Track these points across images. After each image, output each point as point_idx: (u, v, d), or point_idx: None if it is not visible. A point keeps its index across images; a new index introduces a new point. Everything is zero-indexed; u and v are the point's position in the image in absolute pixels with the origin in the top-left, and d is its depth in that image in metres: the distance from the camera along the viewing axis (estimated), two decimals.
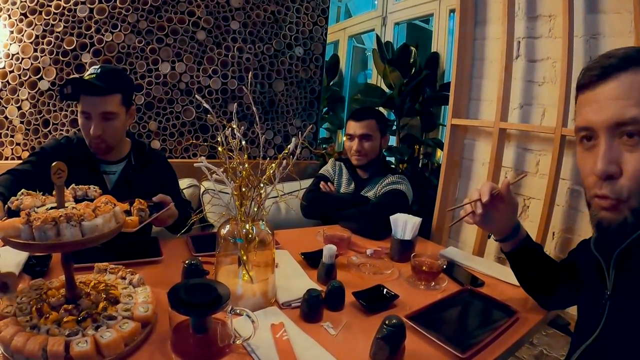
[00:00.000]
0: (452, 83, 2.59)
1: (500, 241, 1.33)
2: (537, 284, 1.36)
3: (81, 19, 2.67)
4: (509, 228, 1.30)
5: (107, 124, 1.70)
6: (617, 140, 0.82)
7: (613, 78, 0.82)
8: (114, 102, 1.69)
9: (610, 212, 0.84)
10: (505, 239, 1.31)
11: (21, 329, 0.96)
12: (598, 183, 0.84)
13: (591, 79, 0.86)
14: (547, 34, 2.27)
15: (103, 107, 1.67)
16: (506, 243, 1.32)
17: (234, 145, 1.20)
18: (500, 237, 1.32)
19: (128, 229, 1.24)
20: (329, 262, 1.46)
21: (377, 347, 1.04)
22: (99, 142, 1.72)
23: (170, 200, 1.63)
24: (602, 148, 0.83)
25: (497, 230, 1.30)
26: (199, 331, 0.99)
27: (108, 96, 1.67)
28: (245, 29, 3.15)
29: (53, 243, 0.94)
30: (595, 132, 0.85)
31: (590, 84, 0.86)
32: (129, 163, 1.88)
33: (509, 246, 1.32)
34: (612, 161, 0.81)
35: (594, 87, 0.85)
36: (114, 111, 1.70)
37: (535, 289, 1.38)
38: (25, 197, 1.08)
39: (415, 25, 4.61)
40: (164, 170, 2.03)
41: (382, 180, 2.28)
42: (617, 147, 0.82)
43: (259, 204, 1.22)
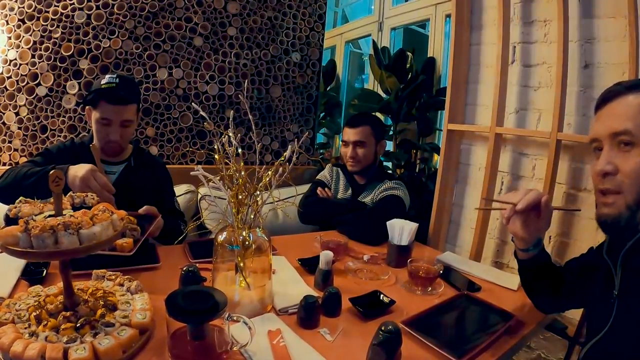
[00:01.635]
0: (448, 88, 2.59)
1: (522, 250, 1.32)
2: (541, 289, 1.36)
3: (79, 25, 2.67)
4: (533, 241, 1.29)
5: (124, 130, 1.83)
6: (616, 148, 0.99)
7: (615, 100, 1.02)
8: (132, 111, 1.84)
9: (609, 207, 1.00)
10: (526, 249, 1.31)
11: (19, 336, 0.97)
12: (600, 180, 1.01)
13: (602, 101, 1.06)
14: (542, 38, 2.28)
15: (124, 116, 1.80)
16: (525, 252, 1.31)
17: (231, 152, 1.21)
18: (522, 246, 1.31)
19: (124, 252, 1.28)
20: (326, 268, 1.47)
21: (373, 353, 1.04)
22: (115, 146, 1.85)
23: (156, 212, 1.69)
24: (604, 152, 1.02)
25: (520, 238, 1.29)
26: (197, 338, 1.00)
27: (129, 105, 1.81)
28: (242, 35, 3.15)
29: (51, 251, 0.95)
30: (601, 141, 1.03)
31: (601, 105, 1.06)
32: (129, 165, 1.95)
33: (526, 255, 1.32)
34: (610, 162, 0.99)
35: (602, 107, 1.06)
36: (132, 119, 1.84)
37: (538, 294, 1.39)
38: (23, 204, 1.09)
39: (412, 30, 4.62)
40: (161, 175, 2.09)
41: (379, 186, 2.29)
42: (616, 152, 0.99)
43: (256, 211, 1.23)
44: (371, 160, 2.37)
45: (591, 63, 2.07)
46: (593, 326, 1.11)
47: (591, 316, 1.17)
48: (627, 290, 1.02)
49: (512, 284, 1.61)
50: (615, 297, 1.03)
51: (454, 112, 2.60)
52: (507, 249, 2.43)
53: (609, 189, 1.00)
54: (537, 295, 1.40)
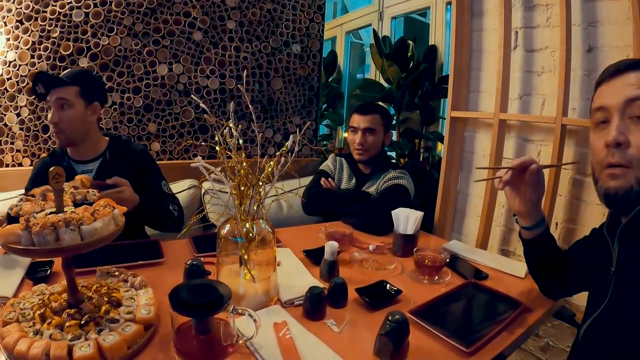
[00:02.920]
0: (451, 75, 2.57)
1: (524, 228, 1.33)
2: (547, 273, 1.36)
3: (77, 24, 2.66)
4: (536, 216, 1.30)
5: (63, 112, 1.79)
6: (627, 119, 0.97)
7: (626, 72, 0.99)
8: (69, 92, 1.80)
9: (618, 180, 0.97)
10: (530, 227, 1.31)
11: (24, 335, 0.97)
12: (610, 153, 0.98)
13: (608, 74, 1.03)
14: (544, 23, 2.25)
15: (58, 95, 1.78)
16: (529, 231, 1.32)
17: (232, 144, 1.20)
18: (524, 224, 1.32)
19: None
20: (331, 259, 1.46)
21: (381, 344, 1.03)
22: (57, 132, 1.83)
23: (125, 183, 1.69)
24: (615, 122, 0.98)
25: (522, 212, 1.30)
26: (202, 332, 0.99)
27: (64, 87, 1.79)
28: (241, 28, 3.14)
29: (53, 248, 0.94)
30: (609, 112, 1.00)
31: (607, 79, 1.04)
32: (105, 160, 1.94)
33: (531, 234, 1.32)
34: (622, 133, 0.96)
35: (609, 80, 1.03)
36: (67, 98, 1.79)
37: (544, 278, 1.39)
38: (24, 203, 1.08)
39: (413, 18, 4.60)
40: (142, 161, 2.04)
41: (384, 176, 2.27)
42: (627, 123, 0.97)
43: (259, 202, 1.22)
44: (378, 149, 2.36)
45: (595, 46, 2.04)
46: (591, 303, 1.12)
47: (591, 295, 1.17)
48: (623, 267, 1.03)
49: (519, 271, 1.60)
50: (613, 274, 1.04)
51: (457, 100, 2.58)
52: (514, 237, 2.41)
53: (619, 162, 0.97)
54: (544, 279, 1.40)
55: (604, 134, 1.00)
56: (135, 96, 2.85)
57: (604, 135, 1.01)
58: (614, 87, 1.01)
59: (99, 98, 1.94)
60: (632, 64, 1.00)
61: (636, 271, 1.00)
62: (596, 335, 1.06)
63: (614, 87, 1.01)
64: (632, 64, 1.00)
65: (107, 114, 2.79)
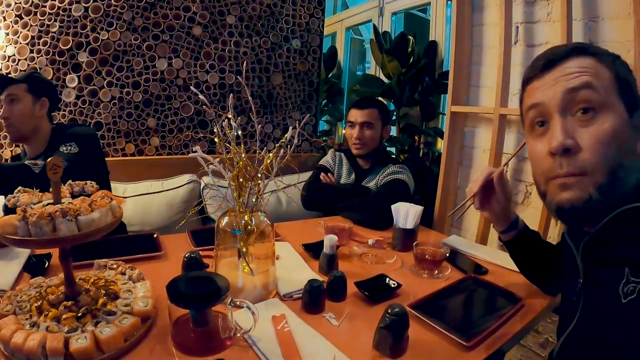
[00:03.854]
0: (451, 70, 2.56)
1: (500, 232, 1.34)
2: (537, 270, 1.36)
3: (76, 18, 2.65)
4: (507, 219, 1.30)
5: (12, 107, 1.88)
6: (571, 117, 0.83)
7: (561, 63, 0.85)
8: (18, 88, 1.89)
9: (572, 190, 0.82)
10: (505, 230, 1.32)
11: (20, 327, 0.96)
12: (557, 162, 0.83)
13: (538, 69, 0.89)
14: (545, 18, 2.24)
15: (8, 91, 1.87)
16: (506, 234, 1.33)
17: (231, 136, 1.19)
18: (499, 228, 1.33)
19: None
20: (330, 253, 1.45)
21: (380, 337, 1.03)
22: (7, 126, 1.90)
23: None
24: (557, 123, 0.83)
25: (496, 218, 1.31)
26: (199, 324, 0.99)
27: (13, 85, 1.88)
28: (241, 23, 3.12)
29: (49, 238, 0.94)
30: (548, 111, 0.85)
31: (537, 74, 0.89)
32: (48, 150, 1.95)
33: (508, 236, 1.33)
34: (569, 135, 0.81)
35: (541, 75, 0.88)
36: (16, 93, 1.88)
37: (536, 276, 1.39)
38: (22, 194, 1.08)
39: (413, 14, 4.58)
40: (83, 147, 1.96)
41: (383, 170, 2.27)
42: (571, 123, 0.82)
43: (257, 194, 1.21)
44: (377, 144, 2.35)
45: (596, 42, 2.03)
46: (563, 318, 1.01)
47: (563, 303, 1.07)
48: (592, 282, 0.90)
49: None
50: (581, 287, 0.92)
51: (457, 95, 2.57)
52: None
53: (570, 173, 0.81)
54: (536, 276, 1.39)
55: (546, 140, 0.86)
56: (135, 91, 2.84)
57: (545, 140, 0.86)
58: (549, 80, 0.86)
59: (47, 94, 2.00)
60: (570, 51, 0.86)
61: (604, 289, 0.85)
62: (570, 355, 0.96)
63: (548, 81, 0.86)
64: (570, 51, 0.86)
65: (106, 108, 2.78)
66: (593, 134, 0.80)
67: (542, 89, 0.87)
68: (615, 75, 0.82)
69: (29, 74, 2.01)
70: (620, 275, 0.80)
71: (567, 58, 0.85)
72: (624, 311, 0.78)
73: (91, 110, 2.76)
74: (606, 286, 0.84)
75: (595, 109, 0.80)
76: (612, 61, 0.84)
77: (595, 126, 0.80)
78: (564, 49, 0.87)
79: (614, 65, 0.83)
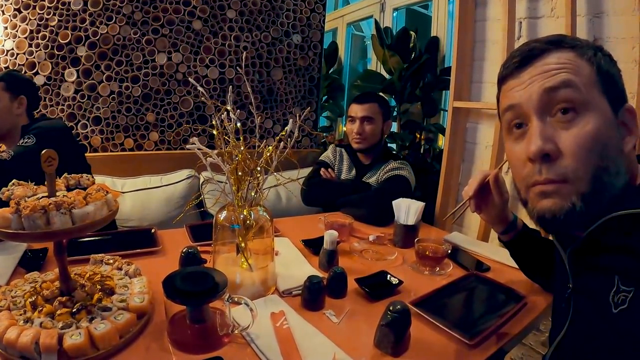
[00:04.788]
0: (453, 65, 2.54)
1: (499, 233, 1.33)
2: (538, 269, 1.34)
3: (75, 12, 2.63)
4: (505, 220, 1.29)
5: None
6: (550, 119, 0.77)
7: (538, 60, 0.79)
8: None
9: (552, 198, 0.77)
10: (503, 231, 1.31)
11: (14, 323, 0.94)
12: (536, 168, 0.77)
13: (513, 67, 0.83)
14: (549, 13, 2.22)
15: None
16: (505, 235, 1.31)
17: (230, 129, 1.17)
18: (498, 230, 1.32)
19: None
20: (331, 249, 1.43)
21: (381, 334, 1.01)
22: None
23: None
24: (535, 126, 0.78)
25: (493, 221, 1.30)
26: (196, 321, 0.97)
27: None
28: (241, 17, 3.10)
29: (43, 232, 0.91)
30: (525, 113, 0.80)
31: (513, 72, 0.83)
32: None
33: (507, 237, 1.32)
34: (548, 139, 0.75)
35: (517, 74, 0.82)
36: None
37: (537, 274, 1.37)
38: (16, 187, 1.06)
39: (414, 10, 4.57)
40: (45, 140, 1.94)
41: (384, 166, 2.25)
42: (551, 125, 0.77)
43: (256, 188, 1.19)
44: (377, 138, 2.33)
45: (600, 38, 2.01)
46: (554, 324, 0.97)
47: (554, 308, 1.02)
48: (580, 290, 0.85)
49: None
50: (570, 293, 0.87)
51: (459, 90, 2.55)
52: None
53: (550, 180, 0.76)
54: (537, 275, 1.37)
55: (524, 141, 0.80)
56: (134, 85, 2.83)
57: (523, 143, 0.81)
58: (526, 79, 0.80)
59: (25, 92, 2.00)
60: (547, 45, 0.80)
61: (594, 298, 0.80)
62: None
63: (525, 79, 0.80)
64: (546, 45, 0.80)
65: (105, 103, 2.76)
66: (574, 136, 0.74)
67: (518, 89, 0.81)
68: (597, 70, 0.77)
69: (7, 72, 2.03)
70: (611, 283, 0.74)
71: (544, 53, 0.79)
72: (615, 321, 0.73)
73: (90, 105, 2.74)
74: (596, 294, 0.79)
75: (576, 109, 0.75)
76: (594, 54, 0.78)
77: (576, 128, 0.74)
78: (540, 44, 0.81)
79: (595, 59, 0.78)
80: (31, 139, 1.83)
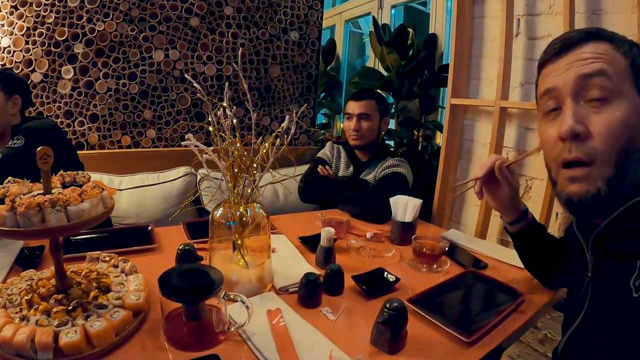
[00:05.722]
0: (451, 62, 2.54)
1: (508, 223, 1.31)
2: (541, 263, 1.34)
3: (72, 9, 2.62)
4: (516, 210, 1.28)
5: None
6: (583, 103, 0.82)
7: (575, 48, 0.85)
8: None
9: (580, 183, 0.82)
10: (513, 221, 1.29)
11: (10, 321, 0.94)
12: (566, 147, 0.83)
13: (553, 52, 0.89)
14: (547, 10, 2.21)
15: None
16: (514, 225, 1.30)
17: (226, 125, 1.16)
18: (507, 220, 1.31)
19: None
20: (328, 246, 1.43)
21: (378, 332, 1.01)
22: None
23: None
24: (569, 108, 0.83)
25: (502, 209, 1.29)
26: (192, 318, 0.97)
27: None
28: (239, 14, 3.09)
29: (38, 229, 0.92)
30: (560, 96, 0.85)
31: (552, 58, 0.89)
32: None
33: (516, 228, 1.30)
34: (579, 120, 0.81)
35: (556, 59, 0.88)
36: None
37: (539, 269, 1.37)
38: (11, 184, 1.06)
39: (413, 8, 4.55)
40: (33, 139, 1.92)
41: (382, 164, 2.25)
42: (584, 108, 0.82)
43: (253, 185, 1.19)
44: (375, 135, 2.33)
45: None
46: (569, 311, 1.01)
47: (569, 297, 1.07)
48: (600, 275, 0.89)
49: (519, 261, 1.57)
50: (589, 280, 0.91)
51: (457, 87, 2.55)
52: None
53: (578, 157, 0.81)
54: (539, 270, 1.37)
55: (557, 124, 0.86)
56: (131, 82, 2.81)
57: (556, 123, 0.86)
58: (563, 65, 0.86)
59: (19, 91, 1.99)
60: (585, 36, 0.85)
61: (614, 283, 0.84)
62: (575, 351, 0.95)
63: (562, 65, 0.86)
64: (584, 35, 0.86)
65: (102, 100, 2.75)
66: (604, 121, 0.79)
67: (555, 74, 0.87)
68: (631, 63, 0.81)
69: (0, 71, 2.03)
70: (632, 268, 0.79)
71: (582, 43, 0.84)
72: (635, 305, 0.77)
73: (87, 102, 2.73)
74: (616, 280, 0.83)
75: (608, 96, 0.79)
76: (629, 48, 0.83)
77: (606, 114, 0.79)
78: (579, 33, 0.86)
79: (630, 53, 0.82)
80: (20, 140, 1.82)
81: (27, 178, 1.13)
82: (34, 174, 1.12)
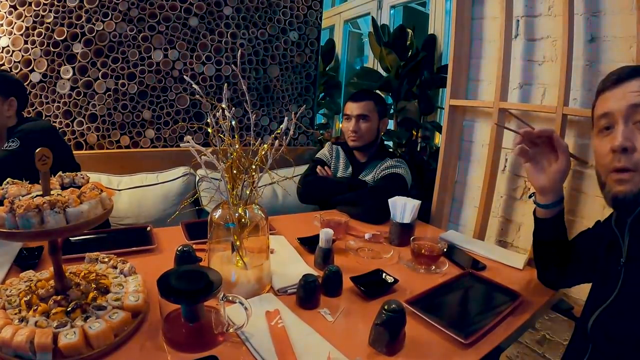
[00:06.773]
0: (450, 63, 2.54)
1: (542, 205, 1.29)
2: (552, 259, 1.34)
3: (71, 9, 2.62)
4: (556, 194, 1.27)
5: None
6: (631, 125, 1.00)
7: (630, 79, 1.02)
8: None
9: (626, 184, 0.99)
10: (548, 205, 1.27)
11: (9, 322, 0.94)
12: (616, 158, 1.00)
13: (610, 82, 1.06)
14: (546, 12, 2.21)
15: None
16: (546, 210, 1.28)
17: (225, 127, 1.16)
18: (545, 200, 1.28)
19: None
20: (326, 247, 1.43)
21: (376, 334, 1.01)
22: None
23: None
24: (620, 128, 1.01)
25: (546, 186, 1.26)
26: (191, 320, 0.97)
27: None
28: (238, 14, 3.09)
29: (37, 231, 0.91)
30: (614, 118, 1.02)
31: (609, 86, 1.06)
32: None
33: (547, 213, 1.29)
34: (628, 138, 0.98)
35: (612, 88, 1.05)
36: None
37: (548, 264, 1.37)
38: (10, 186, 1.05)
39: (412, 8, 4.55)
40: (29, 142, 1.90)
41: (381, 164, 2.25)
42: (632, 129, 0.99)
43: (251, 186, 1.19)
44: (373, 136, 2.33)
45: (597, 36, 2.01)
46: (597, 295, 1.13)
47: (596, 286, 1.18)
48: (634, 257, 1.04)
49: (517, 262, 1.58)
50: (622, 265, 1.05)
51: (456, 88, 2.55)
52: (512, 228, 2.39)
53: (626, 166, 0.99)
54: (547, 265, 1.37)
55: (609, 140, 1.03)
56: (130, 82, 2.82)
57: (609, 140, 1.03)
58: (618, 94, 1.03)
59: (15, 93, 1.98)
60: (634, 71, 1.03)
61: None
62: (606, 325, 1.05)
63: (617, 94, 1.03)
64: (633, 71, 1.03)
65: (101, 100, 2.75)
66: None
67: (611, 101, 1.04)
68: None
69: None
70: None
71: (633, 77, 1.02)
72: None
73: (86, 102, 2.73)
74: None
75: None
76: None
77: None
78: (631, 69, 1.04)
79: None
80: (15, 143, 1.81)
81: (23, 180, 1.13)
82: (30, 176, 1.12)
